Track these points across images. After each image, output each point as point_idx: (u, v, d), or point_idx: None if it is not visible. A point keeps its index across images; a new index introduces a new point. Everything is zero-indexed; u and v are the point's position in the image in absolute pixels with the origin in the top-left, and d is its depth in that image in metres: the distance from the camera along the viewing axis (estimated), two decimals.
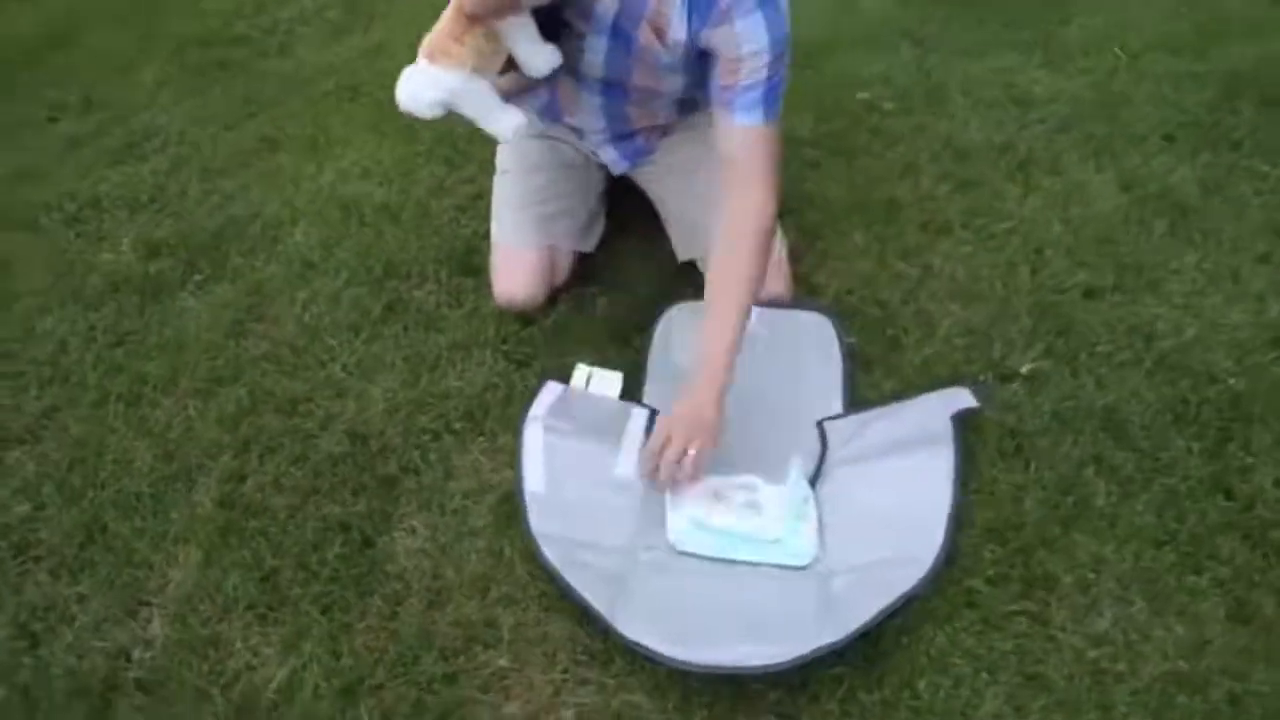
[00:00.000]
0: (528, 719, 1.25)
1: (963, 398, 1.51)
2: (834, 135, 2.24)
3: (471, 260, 1.93)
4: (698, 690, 1.24)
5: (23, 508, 1.57)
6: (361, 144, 2.35)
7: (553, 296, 1.82)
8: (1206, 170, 2.06)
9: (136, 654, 1.36)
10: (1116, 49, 2.43)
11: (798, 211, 1.97)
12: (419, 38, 1.47)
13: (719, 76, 1.45)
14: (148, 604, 1.42)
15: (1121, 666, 1.26)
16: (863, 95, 2.34)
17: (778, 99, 1.46)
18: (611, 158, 1.80)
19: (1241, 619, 1.30)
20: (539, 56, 1.48)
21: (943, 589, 1.33)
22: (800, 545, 1.38)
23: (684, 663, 1.20)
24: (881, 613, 1.25)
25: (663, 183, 1.84)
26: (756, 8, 1.39)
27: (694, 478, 1.41)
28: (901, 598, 1.27)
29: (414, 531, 1.47)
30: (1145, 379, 1.62)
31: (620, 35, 1.49)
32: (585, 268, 1.87)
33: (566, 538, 1.37)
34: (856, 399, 1.61)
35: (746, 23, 1.39)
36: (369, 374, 1.73)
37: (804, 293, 1.81)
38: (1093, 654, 1.27)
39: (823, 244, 1.92)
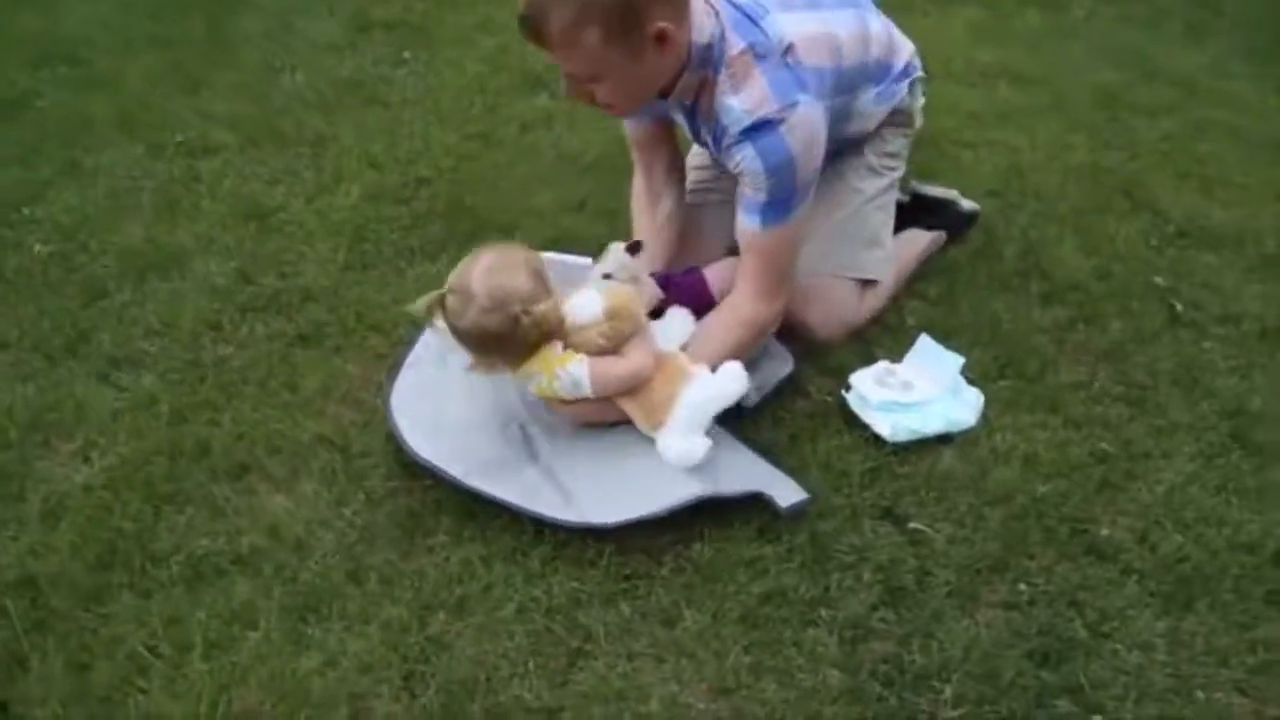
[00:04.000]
0: (356, 377, 1.70)
1: (784, 490, 1.46)
2: (1084, 289, 1.99)
3: None
4: None
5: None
6: None
7: None
8: None
9: None
10: None
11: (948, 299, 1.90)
12: None
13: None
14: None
15: None
16: (1159, 280, 2.00)
17: (781, 214, 1.55)
18: None
19: None
20: None
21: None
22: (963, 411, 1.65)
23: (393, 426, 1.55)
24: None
25: None
26: (747, 141, 1.51)
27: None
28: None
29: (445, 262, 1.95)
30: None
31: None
32: None
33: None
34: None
35: (745, 153, 1.52)
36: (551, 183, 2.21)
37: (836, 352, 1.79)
38: None
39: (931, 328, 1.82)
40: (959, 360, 1.70)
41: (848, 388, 1.67)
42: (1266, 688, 1.29)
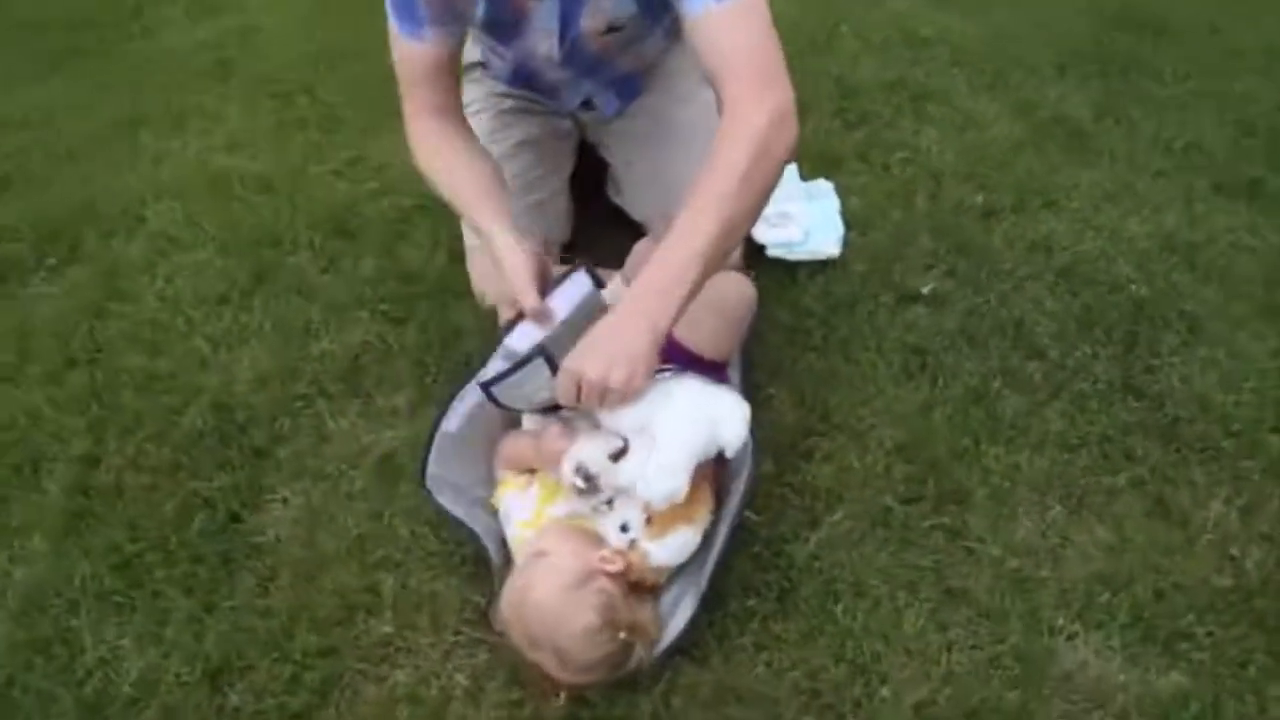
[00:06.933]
0: (417, 684, 1.13)
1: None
2: None
3: (349, 224, 1.81)
4: None
5: None
6: (231, 118, 2.21)
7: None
8: (1098, 95, 2.08)
9: None
10: None
11: None
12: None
13: None
14: None
15: (1044, 572, 1.20)
16: None
17: None
18: (604, 100, 1.56)
19: (1160, 514, 1.26)
20: None
21: (854, 511, 1.26)
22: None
23: None
24: None
25: (635, 140, 1.60)
26: None
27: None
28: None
29: (286, 502, 1.34)
30: (1048, 291, 1.59)
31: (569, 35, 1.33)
32: None
33: (456, 483, 1.25)
34: None
35: None
36: (236, 345, 1.59)
37: None
38: (1013, 563, 1.22)
39: None
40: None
41: (761, 247, 1.64)
42: None
